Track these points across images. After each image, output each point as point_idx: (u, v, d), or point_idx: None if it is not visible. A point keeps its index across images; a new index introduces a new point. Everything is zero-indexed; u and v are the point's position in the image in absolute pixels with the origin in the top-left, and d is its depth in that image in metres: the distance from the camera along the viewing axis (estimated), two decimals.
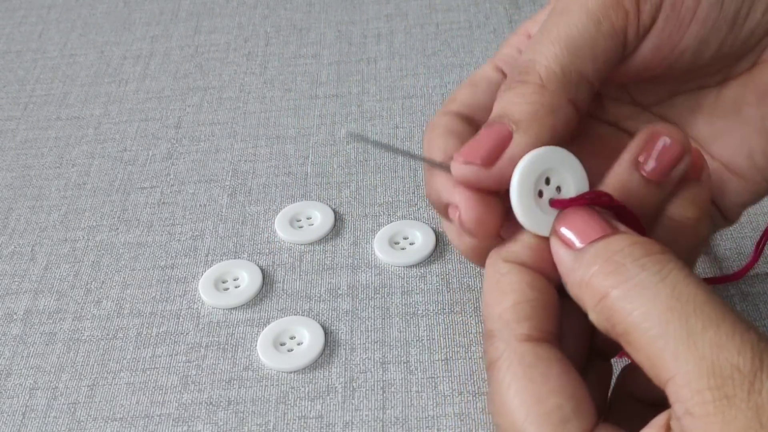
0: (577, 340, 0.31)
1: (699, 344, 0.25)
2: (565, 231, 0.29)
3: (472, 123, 0.34)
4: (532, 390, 0.27)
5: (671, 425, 0.26)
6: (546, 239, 0.30)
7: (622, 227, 0.29)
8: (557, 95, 0.30)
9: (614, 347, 0.31)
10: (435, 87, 0.56)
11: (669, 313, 0.25)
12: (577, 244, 0.28)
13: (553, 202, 0.30)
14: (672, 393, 0.25)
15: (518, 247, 0.30)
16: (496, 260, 0.30)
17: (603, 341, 0.31)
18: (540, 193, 0.30)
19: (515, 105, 0.30)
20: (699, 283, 0.26)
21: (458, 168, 0.30)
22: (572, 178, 0.30)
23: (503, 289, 0.29)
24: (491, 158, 0.29)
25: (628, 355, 0.27)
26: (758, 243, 0.43)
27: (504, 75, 0.35)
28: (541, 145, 0.30)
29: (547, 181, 0.30)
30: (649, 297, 0.26)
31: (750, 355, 0.25)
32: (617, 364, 0.33)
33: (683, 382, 0.25)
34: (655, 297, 0.26)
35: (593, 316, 0.27)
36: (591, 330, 0.30)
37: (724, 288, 0.43)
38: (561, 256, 0.29)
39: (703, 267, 0.44)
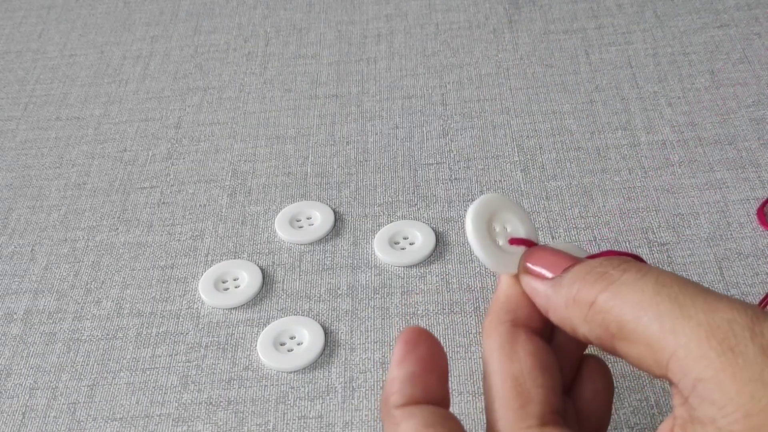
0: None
1: (692, 314, 0.26)
2: (534, 267, 0.31)
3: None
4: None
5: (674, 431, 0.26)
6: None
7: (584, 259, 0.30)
8: None
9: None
10: (434, 87, 0.56)
11: (658, 297, 0.26)
12: (549, 275, 0.30)
13: (512, 240, 0.32)
14: (677, 371, 0.26)
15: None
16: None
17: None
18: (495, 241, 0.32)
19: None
20: (678, 275, 0.27)
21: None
22: (517, 219, 0.32)
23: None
24: None
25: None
26: None
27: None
28: None
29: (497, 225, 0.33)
30: (636, 290, 0.27)
31: (743, 308, 0.25)
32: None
33: (685, 354, 0.25)
34: (642, 289, 0.27)
35: (585, 329, 0.28)
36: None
37: (725, 289, 0.43)
38: (537, 288, 0.30)
39: None
